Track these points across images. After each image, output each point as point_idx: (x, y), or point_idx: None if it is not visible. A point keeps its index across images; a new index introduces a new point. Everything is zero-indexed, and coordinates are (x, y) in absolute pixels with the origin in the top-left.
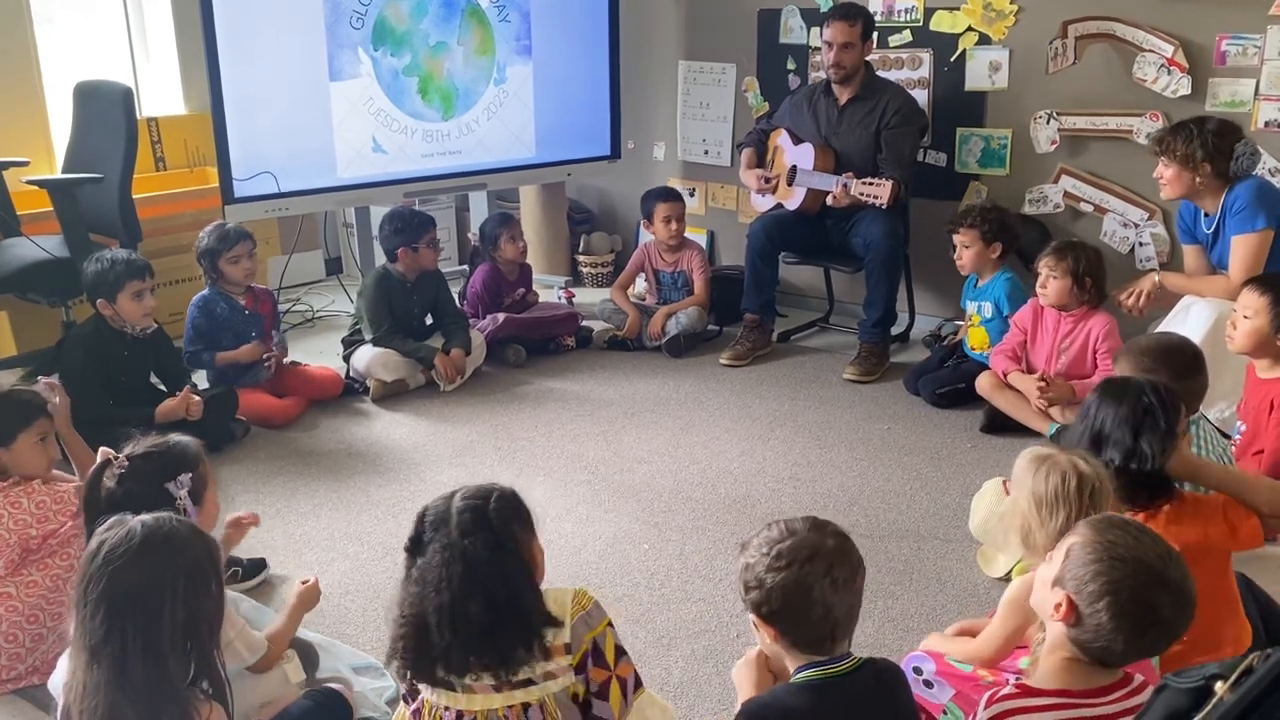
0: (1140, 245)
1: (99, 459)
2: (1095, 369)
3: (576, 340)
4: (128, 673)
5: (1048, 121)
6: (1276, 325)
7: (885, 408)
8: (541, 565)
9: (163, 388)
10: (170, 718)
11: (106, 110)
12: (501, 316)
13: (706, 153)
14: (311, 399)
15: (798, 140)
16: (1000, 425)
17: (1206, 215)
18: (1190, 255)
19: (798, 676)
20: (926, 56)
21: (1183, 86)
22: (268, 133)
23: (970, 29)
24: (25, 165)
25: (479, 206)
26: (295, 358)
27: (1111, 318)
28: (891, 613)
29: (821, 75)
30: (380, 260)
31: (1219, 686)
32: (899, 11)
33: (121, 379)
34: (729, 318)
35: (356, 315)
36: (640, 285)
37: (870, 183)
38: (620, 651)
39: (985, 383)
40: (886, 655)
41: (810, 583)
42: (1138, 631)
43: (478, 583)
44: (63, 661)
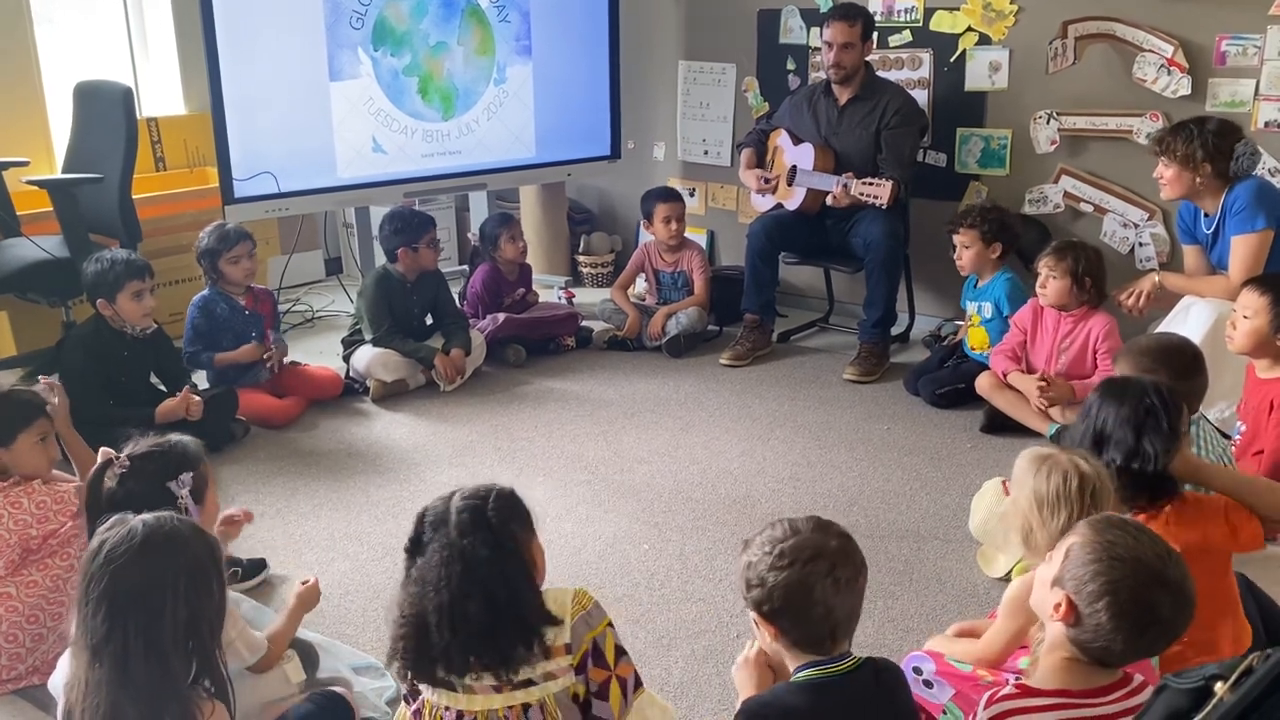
0: (1140, 245)
1: (100, 459)
2: (1095, 369)
3: (576, 340)
4: (130, 671)
5: (1048, 122)
6: (1276, 325)
7: (885, 408)
8: (542, 565)
9: (162, 388)
10: (172, 716)
11: (106, 110)
12: (501, 316)
13: (706, 153)
14: (311, 399)
15: (797, 140)
16: (1000, 425)
17: (1206, 215)
18: (1190, 255)
19: (798, 676)
20: (926, 57)
21: (1183, 87)
22: (268, 133)
23: (970, 29)
24: (25, 165)
25: (479, 206)
26: (295, 358)
27: (1111, 318)
28: (891, 613)
29: (821, 75)
30: (380, 260)
31: (1219, 687)
32: (899, 11)
33: (121, 379)
34: (729, 318)
35: (356, 315)
36: (640, 285)
37: (870, 183)
38: (620, 651)
39: (985, 383)
40: (886, 655)
41: (812, 583)
42: (1137, 631)
43: (477, 582)
44: (63, 662)
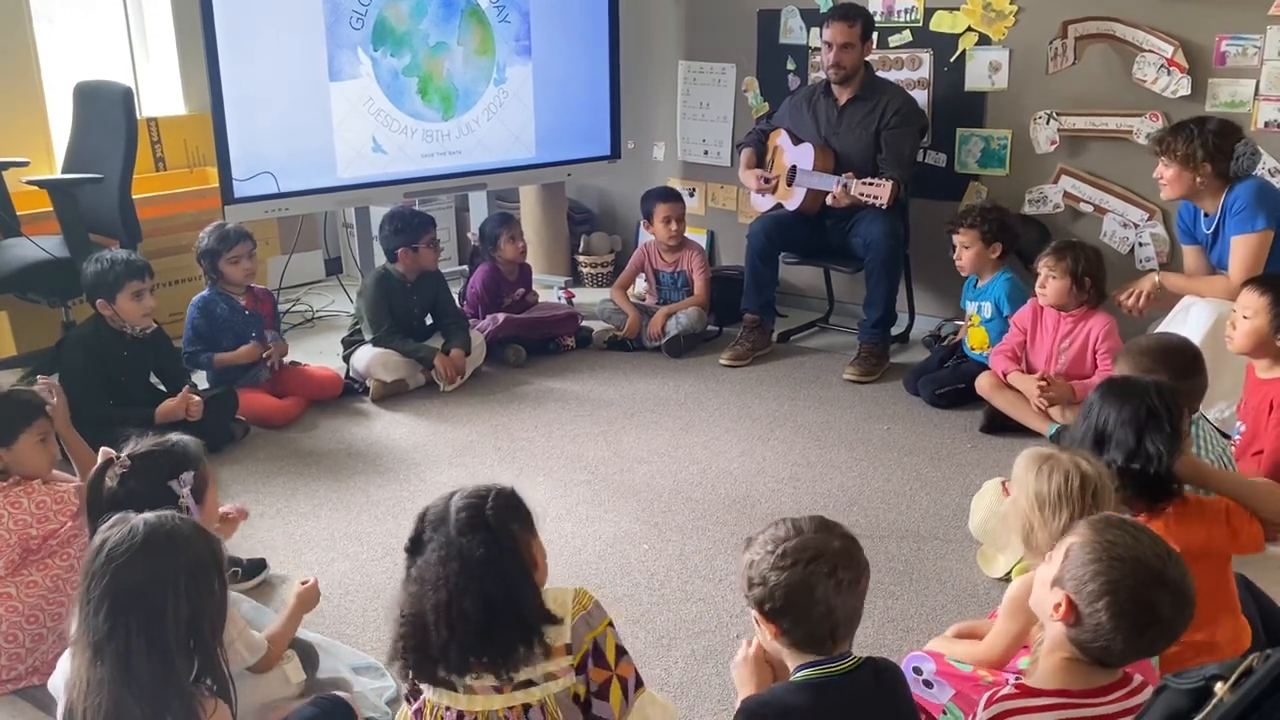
0: (1140, 245)
1: (100, 459)
2: (1095, 369)
3: (576, 340)
4: (132, 669)
5: (1047, 122)
6: (1276, 325)
7: (885, 408)
8: (543, 565)
9: (162, 388)
10: (175, 714)
11: (106, 110)
12: (501, 316)
13: (706, 153)
14: (311, 399)
15: (797, 140)
16: (1000, 425)
17: (1206, 215)
18: (1190, 255)
19: (797, 675)
20: (926, 57)
21: (1182, 87)
22: (268, 133)
23: (970, 29)
24: (25, 165)
25: (479, 206)
26: (295, 358)
27: (1111, 318)
28: (891, 613)
29: (821, 75)
30: (380, 260)
31: (1219, 687)
32: (899, 12)
33: (121, 379)
34: (729, 318)
35: (356, 315)
36: (640, 285)
37: (870, 183)
38: (621, 651)
39: (985, 383)
40: (886, 655)
41: (814, 583)
42: (1137, 631)
43: (474, 580)
44: (62, 662)
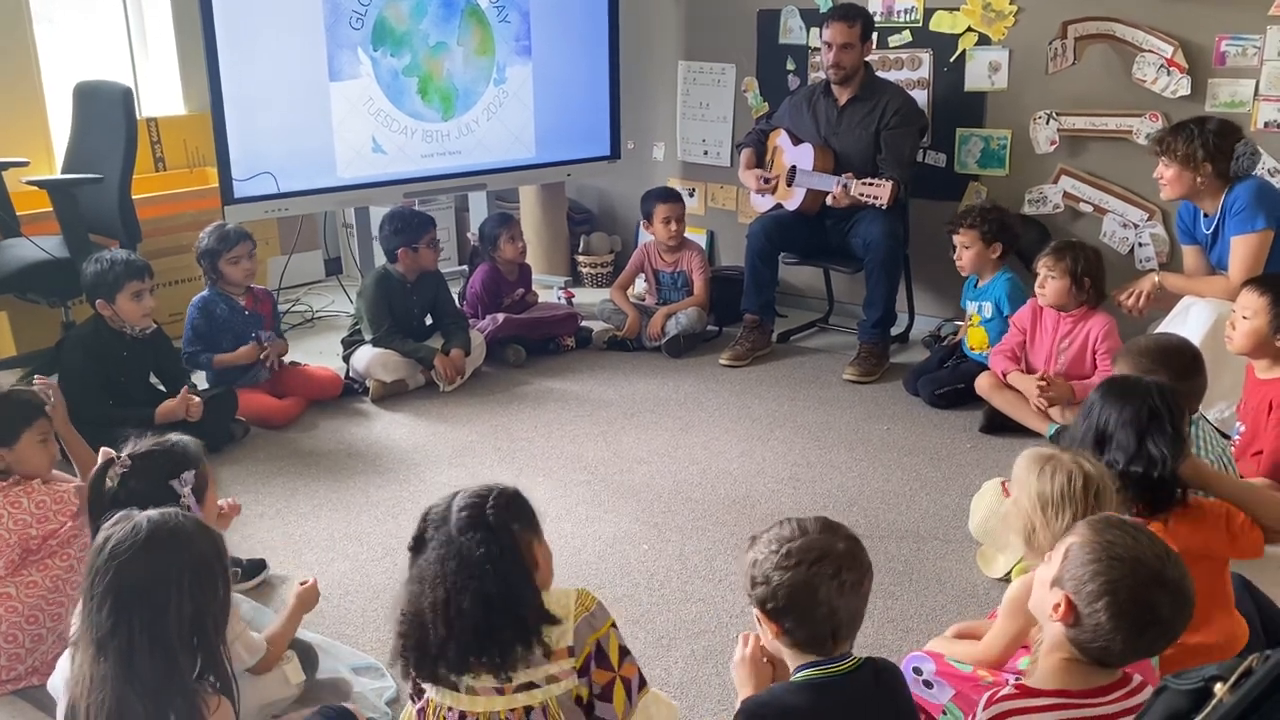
0: (1140, 246)
1: (100, 459)
2: (1094, 369)
3: (576, 340)
4: (135, 666)
5: (1047, 122)
6: (1275, 326)
7: (885, 408)
8: (546, 566)
9: (162, 388)
10: (178, 711)
11: (106, 110)
12: (501, 317)
13: (706, 153)
14: (311, 399)
15: (797, 141)
16: (999, 425)
17: (1206, 216)
18: (1189, 256)
19: (798, 675)
20: (926, 57)
21: (1182, 87)
22: (267, 133)
23: (970, 29)
24: (25, 165)
25: (479, 207)
26: (295, 358)
27: (1111, 318)
28: (891, 613)
29: (821, 76)
30: (380, 260)
31: (1218, 688)
32: (899, 12)
33: (121, 379)
34: (729, 318)
35: (356, 315)
36: (640, 285)
37: (870, 183)
38: (624, 652)
39: (984, 383)
40: (886, 655)
41: (817, 584)
42: (1136, 631)
43: (472, 579)
44: (62, 662)
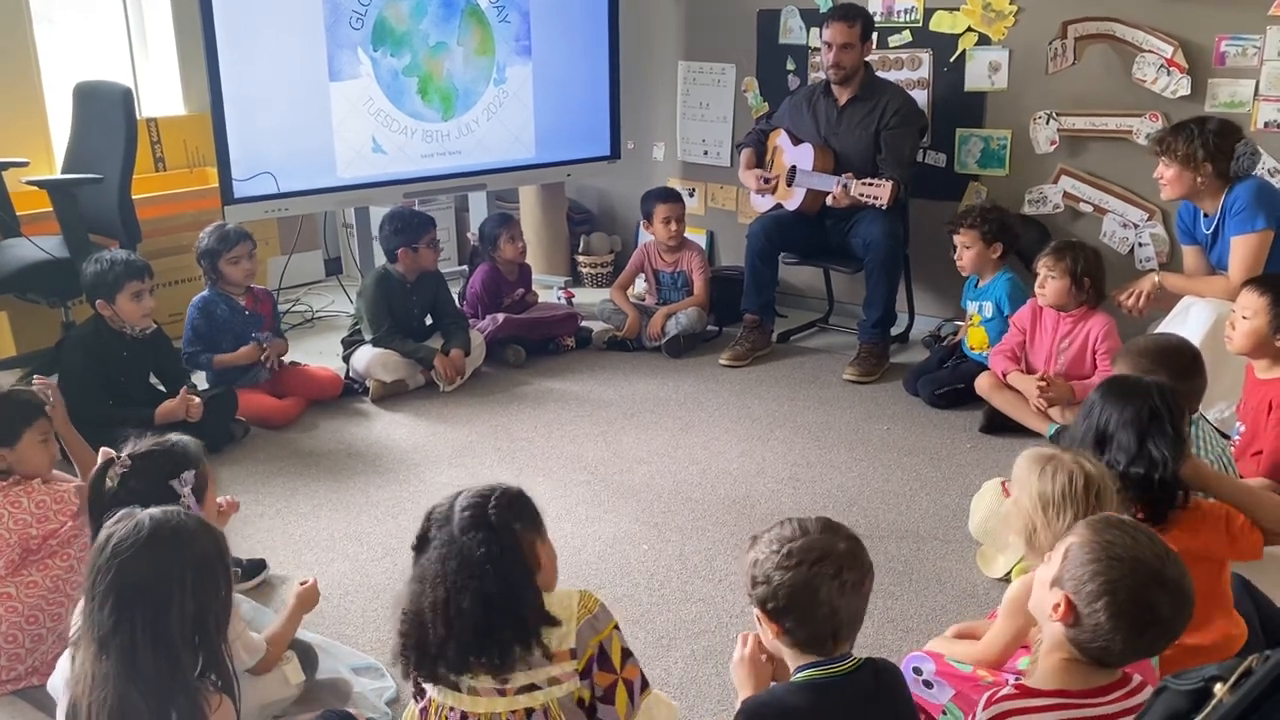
0: (1140, 246)
1: (100, 459)
2: (1094, 369)
3: (576, 341)
4: (137, 664)
5: (1047, 122)
6: (1275, 326)
7: (885, 408)
8: (550, 566)
9: (162, 388)
10: (179, 709)
11: (106, 110)
12: (501, 317)
13: (706, 153)
14: (311, 399)
15: (797, 141)
16: (999, 425)
17: (1206, 216)
18: (1189, 256)
19: (798, 675)
20: (926, 57)
21: (1182, 87)
22: (267, 133)
23: (970, 29)
24: (25, 165)
25: (478, 207)
26: (295, 358)
27: (1110, 318)
28: (891, 613)
29: (821, 76)
30: (380, 260)
31: (1218, 688)
32: (898, 12)
33: (121, 379)
34: (729, 318)
35: (356, 315)
36: (640, 285)
37: (870, 183)
38: (627, 654)
39: (984, 383)
40: (886, 655)
41: (818, 584)
42: (1136, 631)
43: (472, 579)
44: (62, 662)
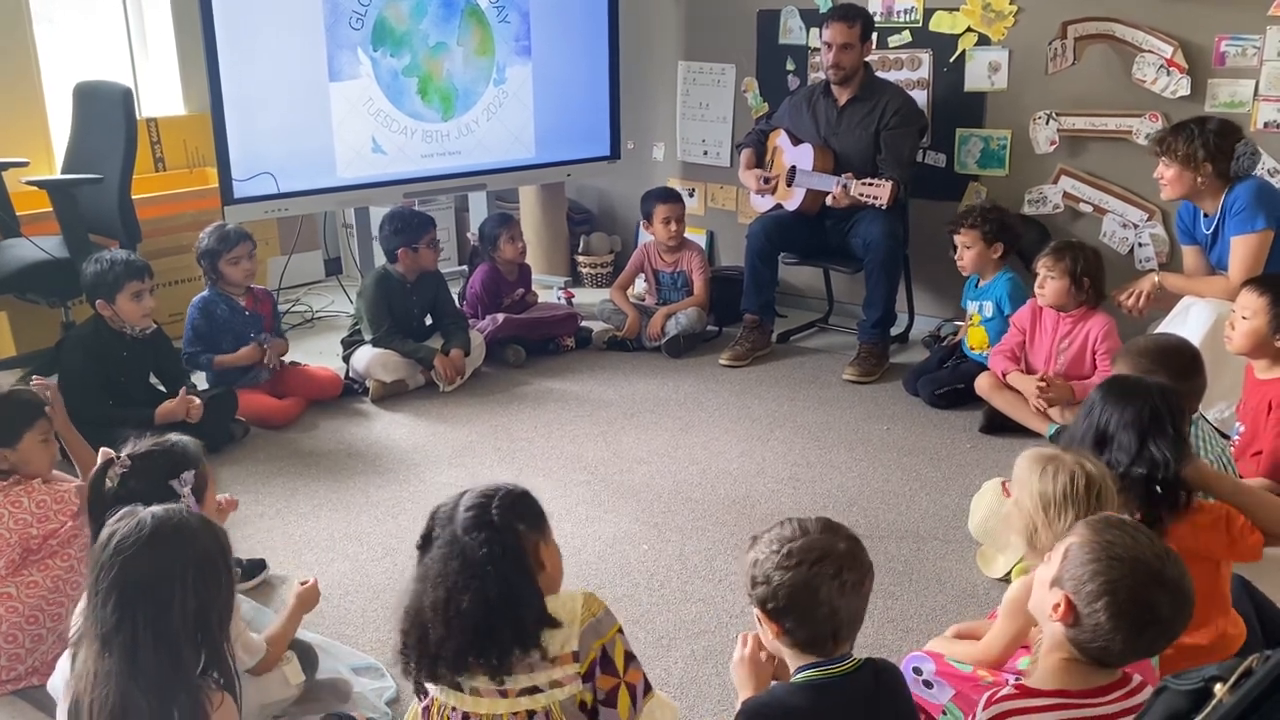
0: (1139, 246)
1: (100, 459)
2: (1094, 370)
3: (576, 341)
4: (139, 662)
5: (1047, 122)
6: (1275, 326)
7: (884, 408)
8: (555, 568)
9: (162, 388)
10: (182, 707)
11: (106, 110)
12: (501, 317)
13: (706, 153)
14: (311, 399)
15: (797, 141)
16: (999, 426)
17: (1206, 216)
18: (1189, 256)
19: (798, 676)
20: (926, 57)
21: (1182, 87)
22: (267, 133)
23: (969, 30)
24: (25, 165)
25: (478, 207)
26: (295, 358)
27: (1110, 318)
28: (891, 613)
29: (821, 76)
30: (380, 260)
31: (1218, 688)
32: (898, 12)
33: (121, 379)
34: (728, 318)
35: (356, 316)
36: (640, 286)
37: (870, 183)
38: (630, 657)
39: (984, 383)
40: (886, 655)
41: (818, 584)
42: (1135, 631)
43: (473, 579)
44: (62, 663)
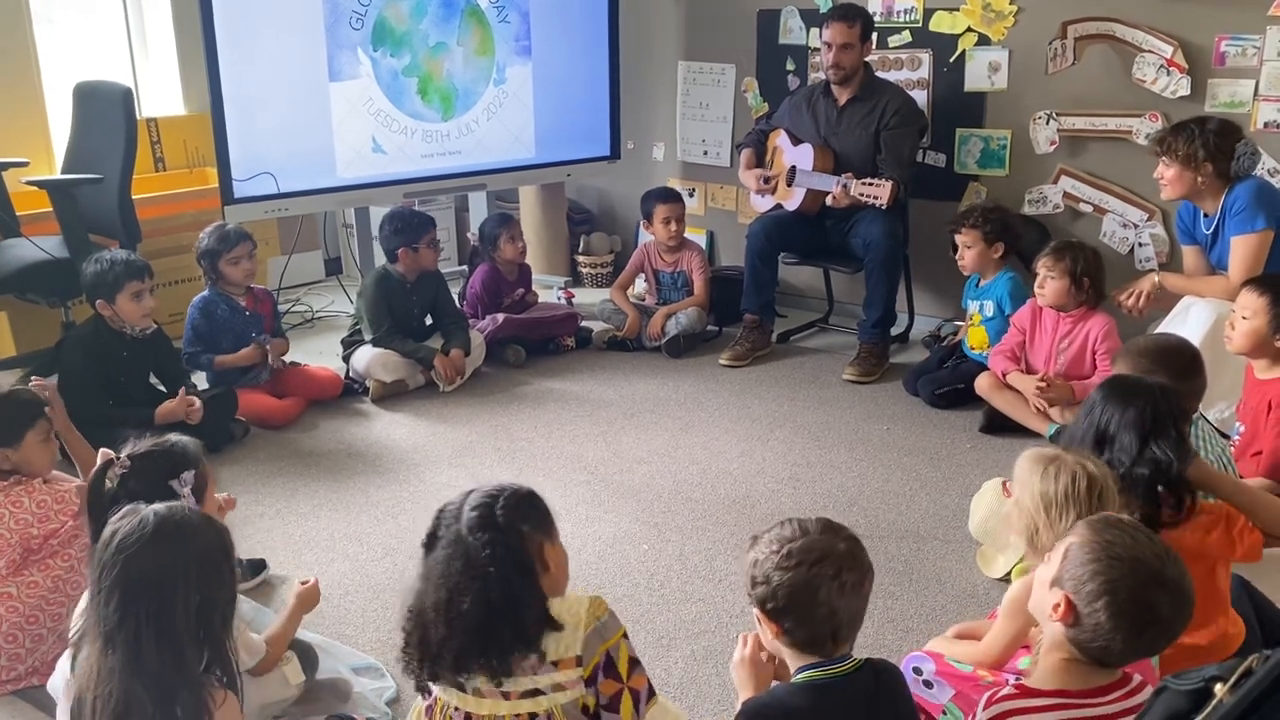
0: (1140, 246)
1: (100, 460)
2: (1094, 370)
3: (576, 341)
4: (142, 659)
5: (1047, 122)
6: (1275, 326)
7: (884, 408)
8: (560, 570)
9: (162, 388)
10: (184, 704)
11: (106, 110)
12: (501, 317)
13: (706, 153)
14: (311, 399)
15: (797, 141)
16: (999, 426)
17: (1206, 216)
18: (1189, 256)
19: (798, 676)
20: (926, 57)
21: (1182, 87)
22: (267, 133)
23: (969, 30)
24: (25, 165)
25: (478, 207)
26: (295, 358)
27: (1110, 318)
28: (891, 613)
29: (821, 76)
30: (380, 260)
31: (1218, 688)
32: (898, 12)
33: (121, 379)
34: (728, 318)
35: (356, 316)
36: (640, 286)
37: (870, 183)
38: (634, 663)
39: (984, 383)
40: (886, 655)
41: (817, 585)
42: (1135, 630)
43: (476, 580)
44: (62, 663)
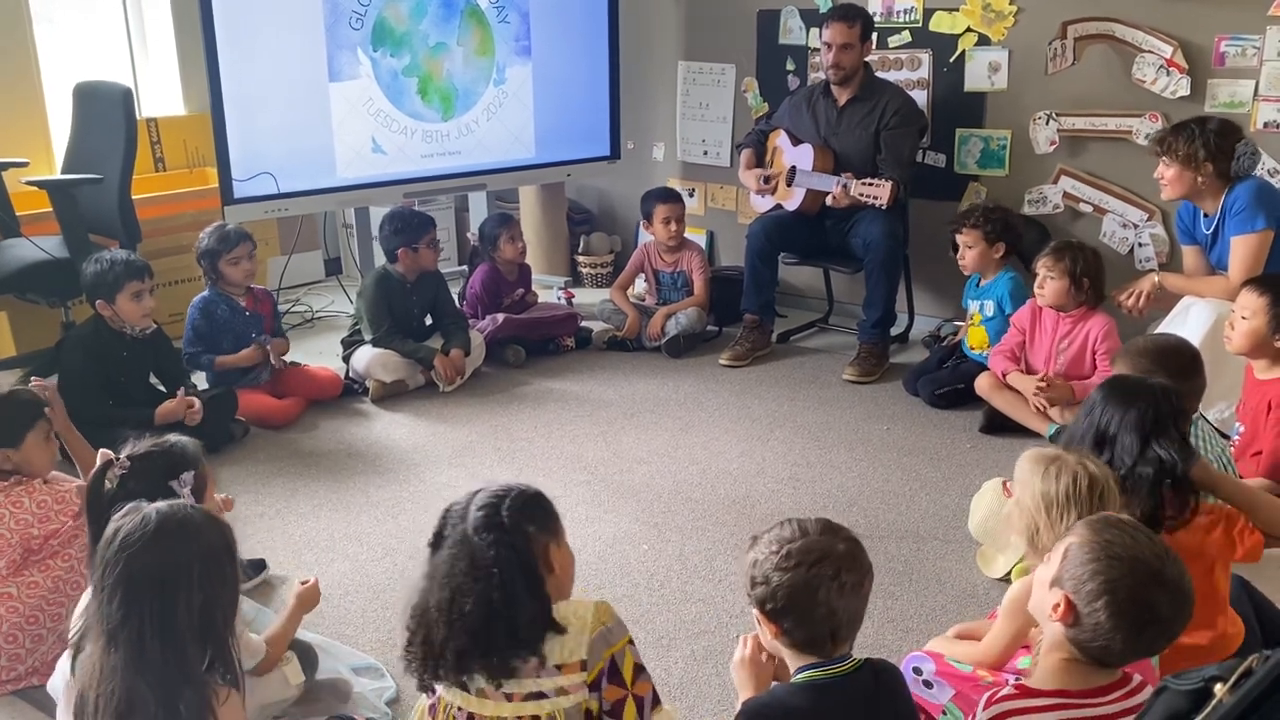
0: (1139, 246)
1: (99, 460)
2: (1094, 370)
3: (576, 341)
4: (145, 657)
5: (1047, 122)
6: (1274, 326)
7: (884, 408)
8: (565, 572)
9: (162, 389)
10: (187, 702)
11: (106, 110)
12: (501, 317)
13: (706, 153)
14: (311, 399)
15: (797, 141)
16: (999, 426)
17: (1206, 216)
18: (1189, 256)
19: (798, 676)
20: (925, 57)
21: (1182, 87)
22: (267, 133)
23: (969, 30)
24: (25, 166)
25: (478, 207)
26: (295, 358)
27: (1110, 318)
28: (891, 613)
29: (821, 76)
30: (380, 260)
31: (1218, 688)
32: (898, 12)
33: (121, 379)
34: (728, 318)
35: (356, 316)
36: (640, 286)
37: (870, 183)
38: (639, 670)
39: (984, 383)
40: (886, 655)
41: (816, 585)
42: (1135, 630)
43: (479, 581)
44: (62, 663)
